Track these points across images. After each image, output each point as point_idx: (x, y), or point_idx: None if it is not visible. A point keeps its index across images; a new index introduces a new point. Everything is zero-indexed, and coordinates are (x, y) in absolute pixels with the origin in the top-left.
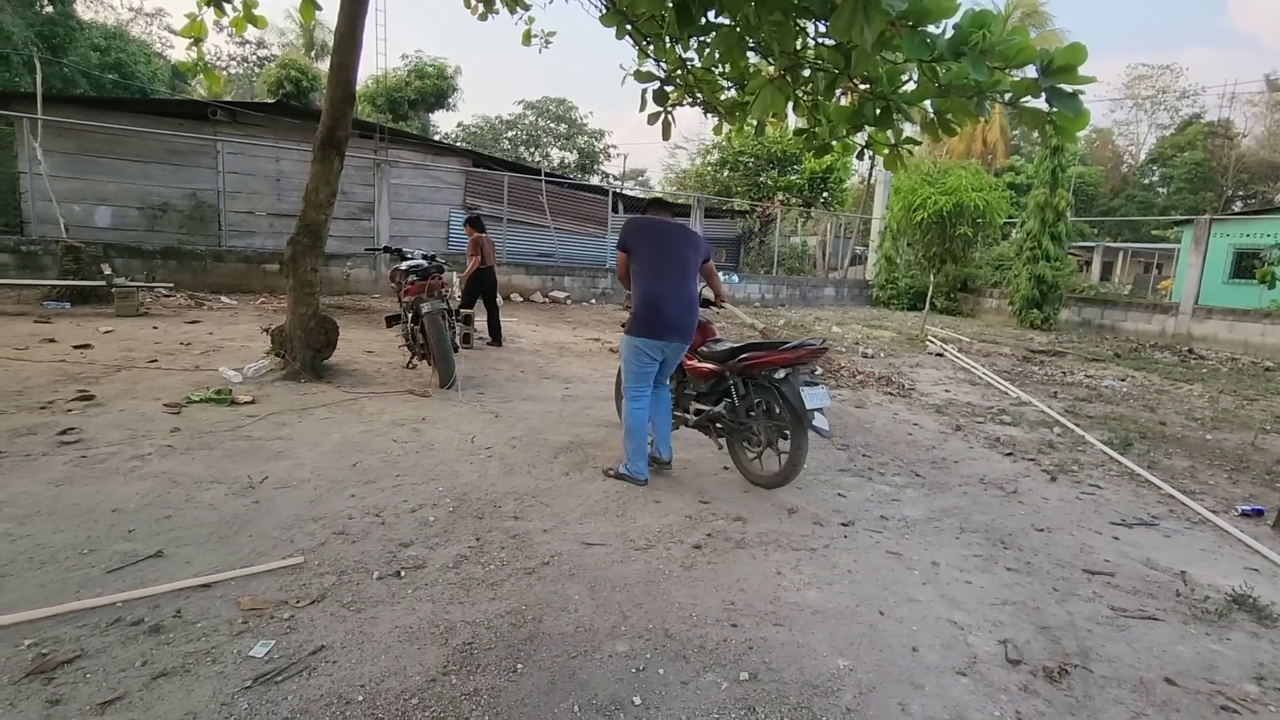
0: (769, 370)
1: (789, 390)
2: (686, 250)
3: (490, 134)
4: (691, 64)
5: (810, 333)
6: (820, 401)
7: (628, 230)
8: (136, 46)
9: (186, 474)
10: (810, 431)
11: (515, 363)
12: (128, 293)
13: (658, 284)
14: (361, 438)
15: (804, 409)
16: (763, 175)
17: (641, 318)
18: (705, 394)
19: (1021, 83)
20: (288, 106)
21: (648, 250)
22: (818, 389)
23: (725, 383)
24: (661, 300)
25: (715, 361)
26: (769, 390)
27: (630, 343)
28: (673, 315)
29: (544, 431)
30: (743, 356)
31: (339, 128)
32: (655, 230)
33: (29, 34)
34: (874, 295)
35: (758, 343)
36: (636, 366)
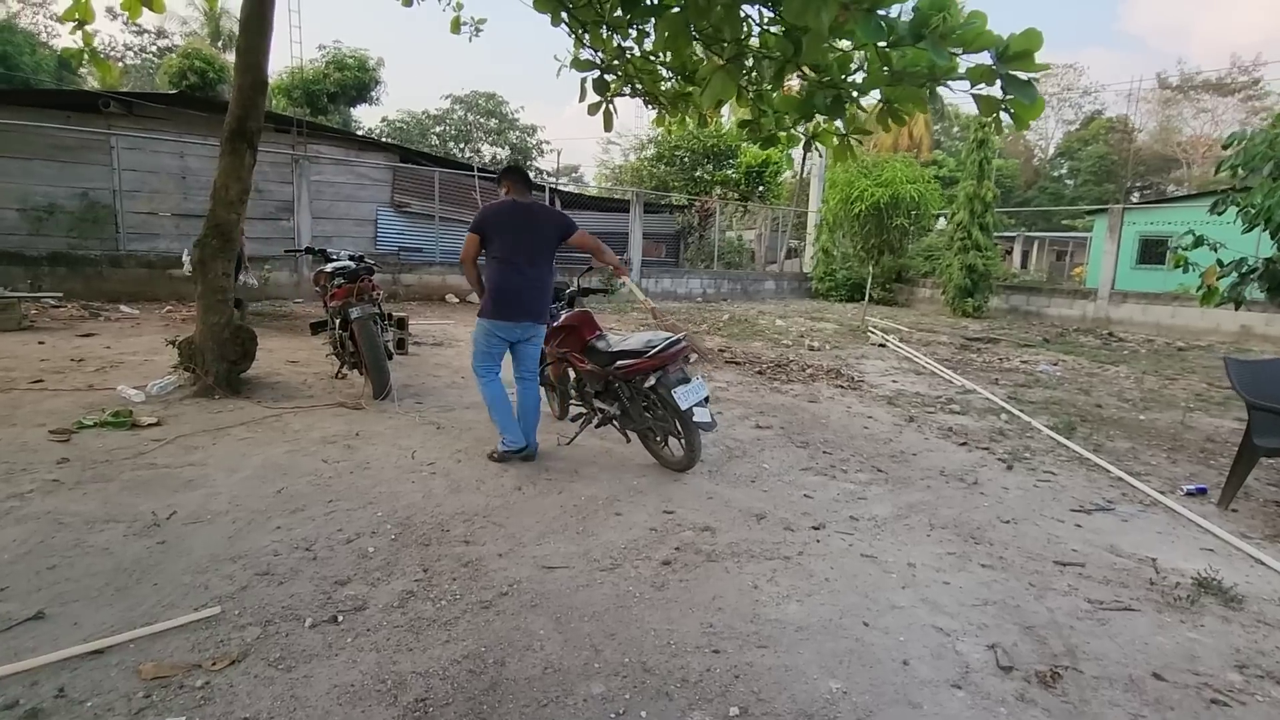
0: (640, 376)
1: (664, 393)
2: (545, 230)
3: (417, 129)
4: (631, 53)
5: (754, 326)
6: (694, 398)
7: (485, 216)
8: (22, 37)
9: (76, 513)
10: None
11: (454, 367)
12: (7, 304)
13: (511, 268)
14: (287, 459)
15: (680, 410)
16: (699, 170)
17: (495, 300)
18: (602, 393)
19: (977, 69)
20: (192, 98)
21: (503, 234)
22: (690, 385)
23: (613, 384)
24: (515, 283)
25: (599, 364)
26: (649, 392)
27: (483, 325)
28: (526, 298)
29: (490, 443)
30: (618, 365)
31: (250, 118)
32: (512, 213)
33: None
34: (813, 288)
35: (628, 350)
36: (485, 346)
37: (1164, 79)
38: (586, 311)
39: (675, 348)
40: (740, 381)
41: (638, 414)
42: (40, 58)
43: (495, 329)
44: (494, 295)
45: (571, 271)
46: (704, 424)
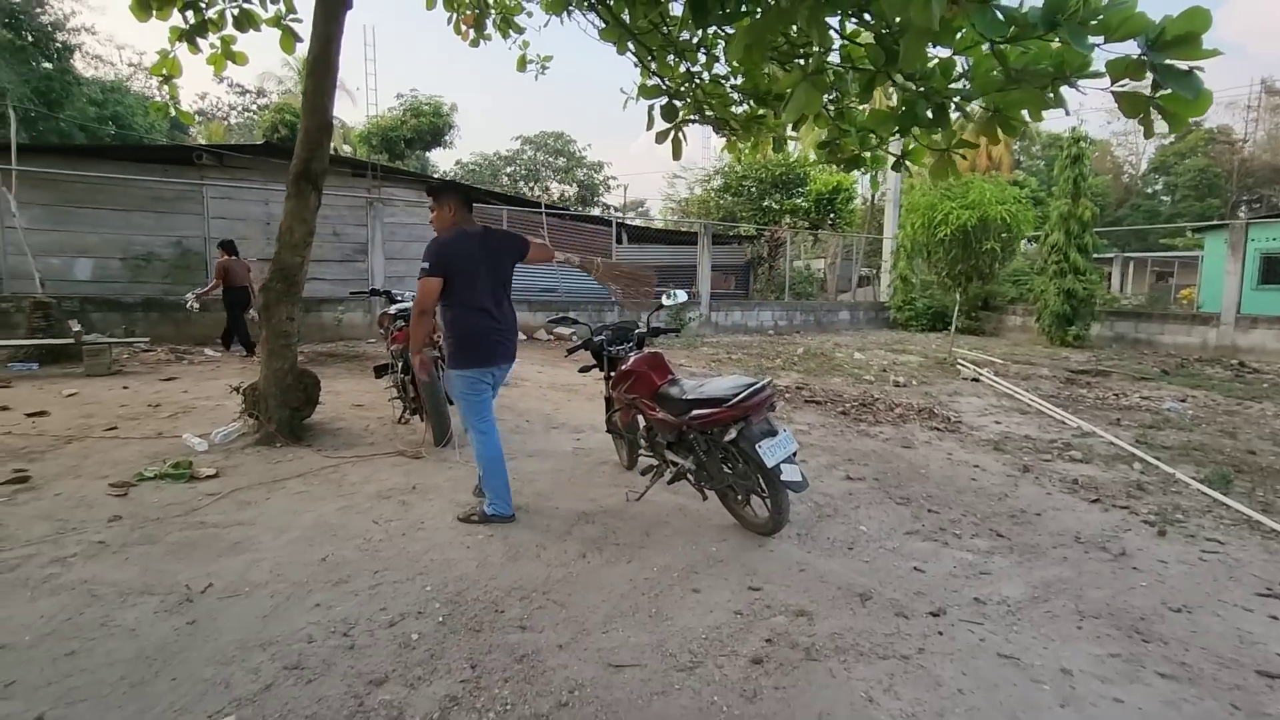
0: (719, 428)
1: (746, 447)
2: (504, 260)
3: (489, 170)
4: (700, 78)
5: (831, 360)
6: (782, 453)
7: (441, 253)
8: (135, 99)
9: (113, 583)
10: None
11: (519, 409)
12: (98, 350)
13: (480, 313)
14: (338, 517)
15: (767, 467)
16: (767, 199)
17: (468, 347)
18: (675, 444)
19: (1120, 62)
20: (275, 147)
21: (465, 274)
22: (777, 439)
23: (688, 435)
24: (487, 327)
25: (672, 412)
26: (729, 446)
27: (463, 377)
28: (499, 338)
29: (553, 497)
30: (694, 415)
31: (315, 160)
32: (469, 246)
33: (25, 90)
34: (891, 317)
35: (705, 398)
36: (476, 398)
37: (1270, 85)
38: (658, 353)
39: (759, 395)
40: (823, 423)
41: (715, 469)
42: (153, 119)
43: (479, 376)
44: (468, 342)
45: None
46: (793, 483)
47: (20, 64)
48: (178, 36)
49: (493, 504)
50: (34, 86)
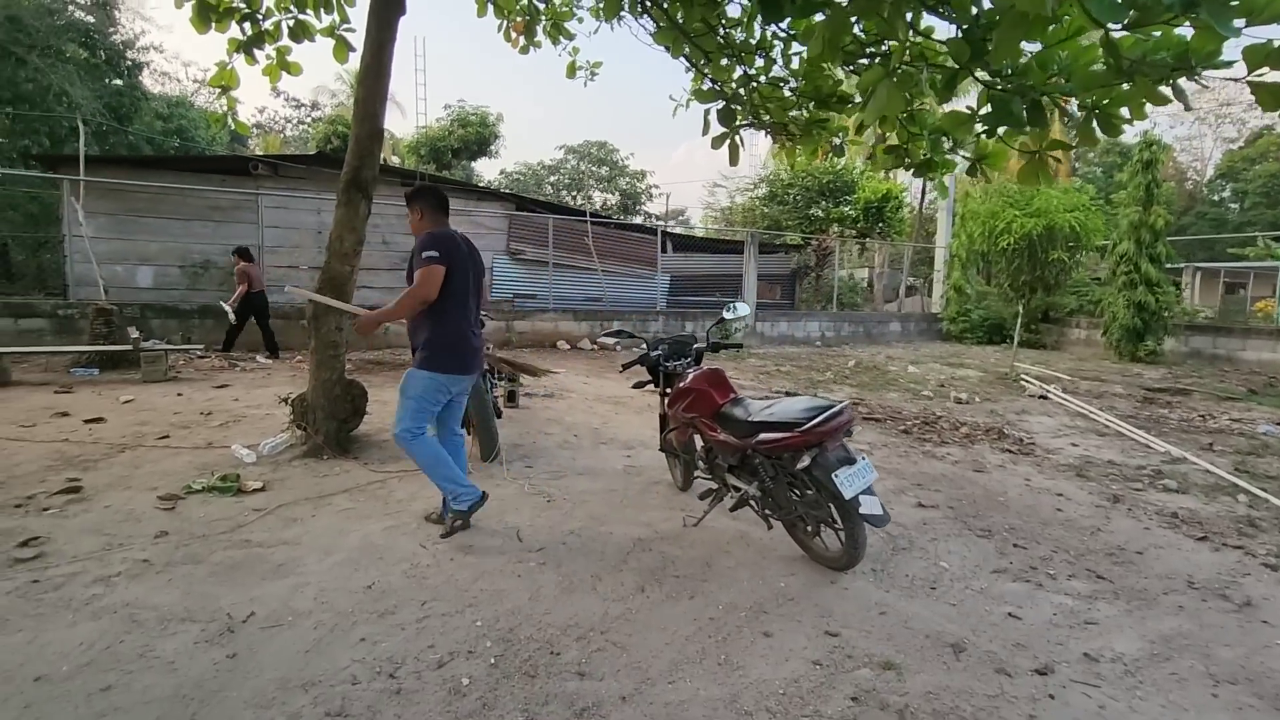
0: (790, 454)
1: (821, 476)
2: (481, 268)
3: (533, 179)
4: (757, 80)
5: (885, 374)
6: (860, 483)
7: (448, 244)
8: (198, 113)
9: (155, 607)
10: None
11: (566, 423)
12: (155, 357)
13: (463, 313)
14: (385, 538)
15: (844, 499)
16: (814, 207)
17: (450, 350)
18: (737, 467)
19: (1261, 49)
20: (328, 157)
21: (461, 271)
22: (855, 468)
23: (752, 459)
24: (465, 330)
25: (735, 435)
26: (800, 473)
27: (431, 379)
28: (477, 346)
29: (606, 521)
30: (761, 439)
31: (365, 167)
32: (462, 247)
33: (97, 105)
34: (944, 329)
35: (774, 421)
36: (429, 403)
37: None
38: (718, 370)
39: (836, 420)
40: (884, 443)
41: (783, 497)
42: (215, 131)
43: (447, 383)
44: (447, 344)
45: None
46: (874, 517)
47: (94, 81)
48: (235, 48)
49: (458, 499)
50: (106, 102)
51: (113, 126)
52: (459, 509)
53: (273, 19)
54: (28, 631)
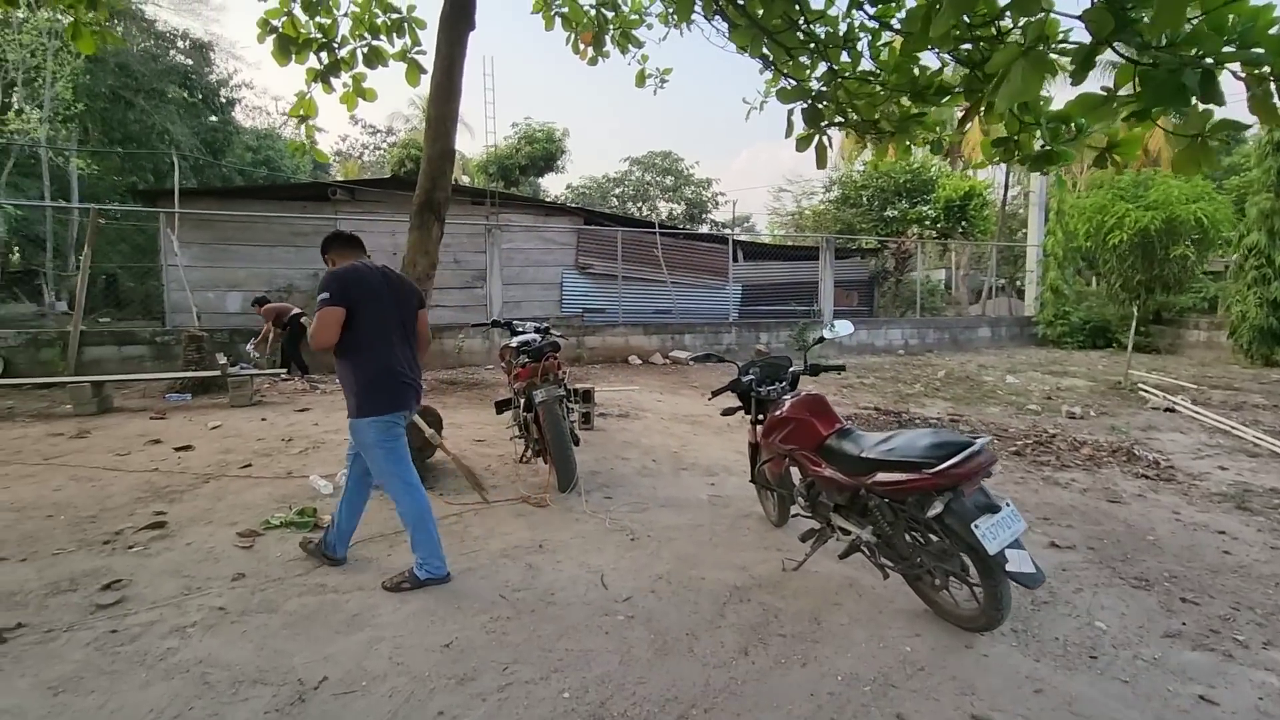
0: (916, 497)
1: (957, 526)
2: (410, 298)
3: (598, 193)
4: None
5: (980, 385)
6: (1007, 535)
7: (344, 281)
8: (284, 143)
9: (228, 666)
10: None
11: (644, 446)
12: (241, 382)
13: (387, 345)
14: (461, 583)
15: (988, 555)
16: (890, 209)
17: (378, 389)
18: (845, 506)
19: None
20: (401, 180)
21: (371, 304)
22: (1000, 516)
23: (866, 500)
24: (397, 363)
25: (845, 472)
26: (930, 522)
27: (376, 424)
28: (411, 378)
29: (697, 563)
30: (879, 480)
31: (437, 188)
32: (368, 275)
33: (195, 141)
34: (1040, 333)
35: (895, 459)
36: (392, 445)
37: None
38: (819, 397)
39: (974, 461)
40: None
41: (904, 545)
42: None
43: (393, 420)
44: (378, 383)
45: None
46: (1024, 576)
47: (192, 119)
48: (313, 77)
49: (425, 565)
50: (202, 138)
51: (208, 160)
52: (417, 574)
53: (348, 47)
54: (100, 694)
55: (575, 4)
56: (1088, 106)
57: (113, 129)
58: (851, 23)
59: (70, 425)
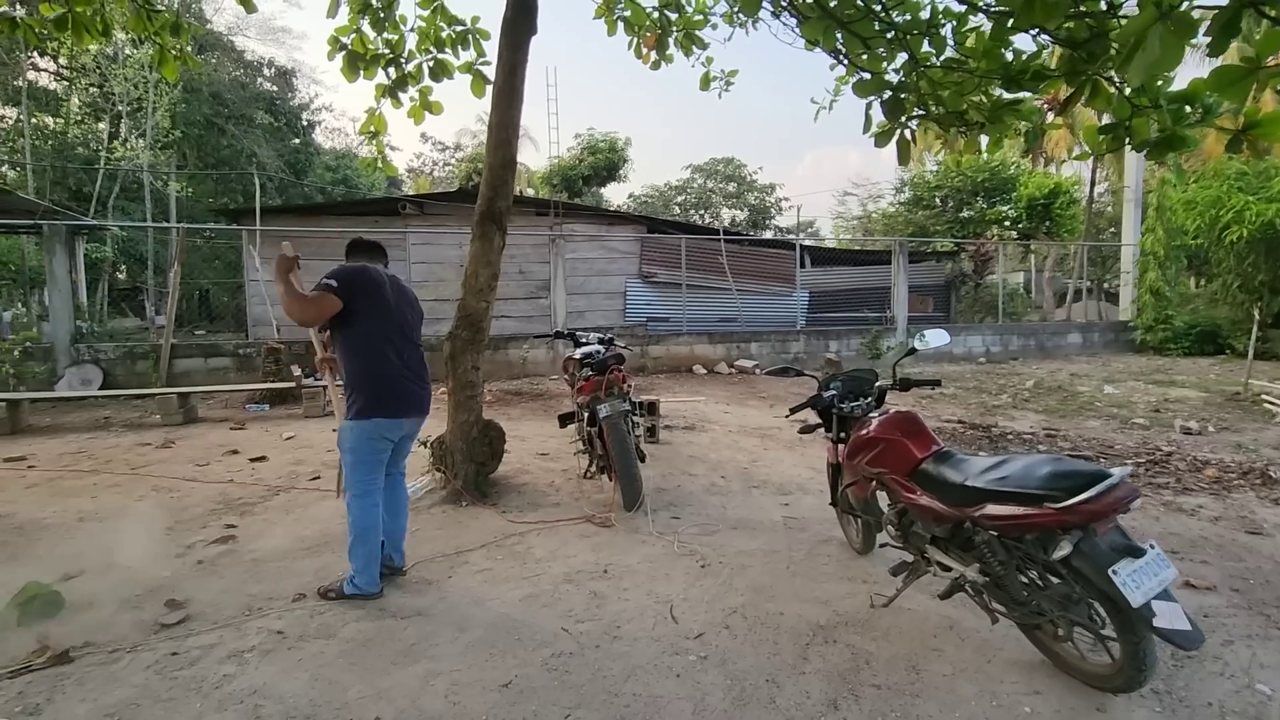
0: (1039, 535)
1: (1089, 571)
2: (410, 307)
3: (660, 201)
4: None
5: (1075, 396)
6: (1154, 584)
7: (351, 279)
8: (361, 162)
9: (280, 697)
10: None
11: (711, 461)
12: (314, 392)
13: (389, 350)
14: (523, 612)
15: (1129, 607)
16: (966, 209)
17: (375, 391)
18: (944, 539)
19: None
20: (468, 193)
21: (376, 302)
22: (1144, 560)
23: (972, 534)
24: (396, 369)
25: (945, 501)
26: (1053, 564)
27: (362, 428)
28: (412, 387)
29: (773, 594)
30: (988, 512)
31: (499, 198)
32: (379, 283)
33: (279, 163)
34: (1138, 339)
35: (1009, 489)
36: (369, 455)
37: None
38: (912, 415)
39: (1112, 494)
40: None
41: (1017, 587)
42: (374, 178)
43: (384, 429)
44: (376, 385)
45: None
46: (1179, 635)
47: (276, 141)
48: (382, 93)
49: (357, 578)
50: (286, 159)
51: (291, 180)
52: (345, 588)
53: (414, 61)
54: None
55: (638, 7)
56: (1226, 81)
57: (206, 153)
58: (935, 7)
59: (158, 435)
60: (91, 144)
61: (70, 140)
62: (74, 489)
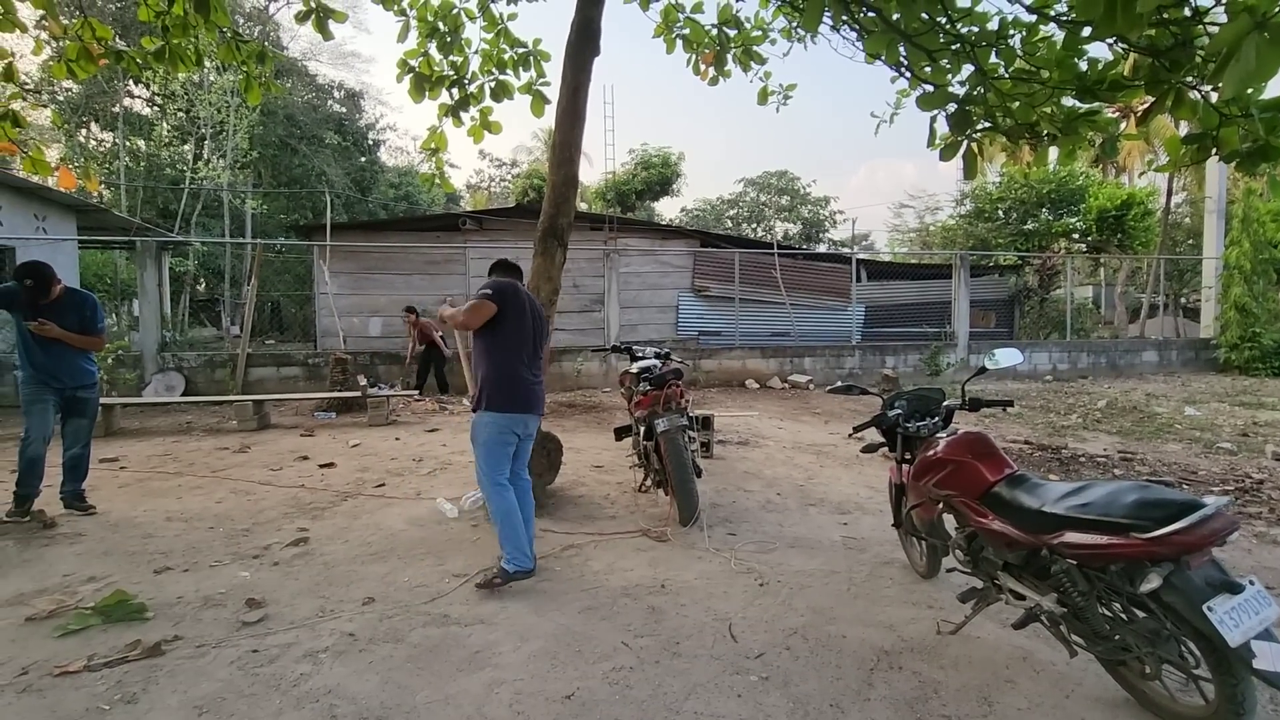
0: (1124, 566)
1: (1182, 607)
2: (540, 320)
3: (712, 215)
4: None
5: (1152, 417)
6: (1254, 622)
7: (504, 289)
8: (421, 178)
9: (353, 698)
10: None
11: (767, 478)
12: (379, 402)
13: (516, 357)
14: (583, 624)
15: (1227, 647)
16: (1030, 222)
17: (507, 389)
18: (1017, 566)
19: None
20: (525, 208)
21: (517, 317)
22: (1242, 597)
23: (1049, 562)
24: (522, 373)
25: (1020, 527)
26: (1140, 597)
27: (493, 420)
28: (537, 390)
29: (835, 617)
30: (1067, 540)
31: (561, 215)
32: (522, 295)
33: (346, 181)
34: (1221, 358)
35: (1090, 516)
36: (499, 447)
37: None
38: (982, 435)
39: (1208, 525)
40: None
41: (1098, 620)
42: (434, 194)
43: (510, 423)
44: (503, 384)
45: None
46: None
47: (344, 160)
48: (444, 113)
49: (511, 559)
50: (353, 177)
51: (356, 197)
52: (505, 568)
53: (477, 82)
54: (238, 718)
55: (697, 25)
56: None
57: (280, 172)
58: (1004, 18)
59: (234, 440)
60: (178, 165)
61: (160, 162)
62: (161, 489)
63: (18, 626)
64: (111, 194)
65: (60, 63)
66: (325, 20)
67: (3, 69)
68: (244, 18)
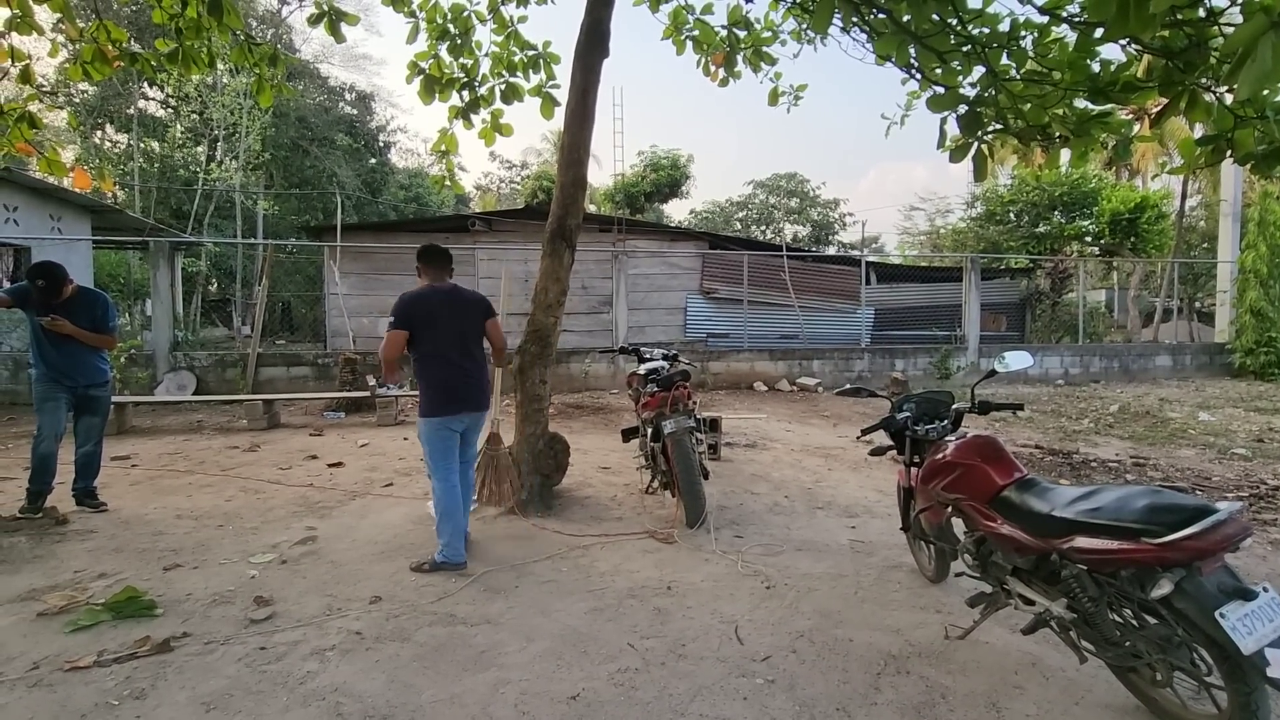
0: (1135, 572)
1: (1194, 613)
2: (472, 314)
3: (721, 217)
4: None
5: (1165, 422)
6: (1270, 630)
7: (405, 308)
8: (431, 180)
9: (360, 696)
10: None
11: (774, 480)
12: (387, 402)
13: (444, 361)
14: (588, 624)
15: (1240, 654)
16: (1042, 224)
17: (437, 398)
18: (1027, 571)
19: None
20: (533, 210)
21: (429, 327)
22: (1256, 604)
23: (1059, 567)
24: (450, 373)
25: (1030, 531)
26: (1151, 603)
27: (430, 425)
28: (466, 391)
29: (842, 620)
30: (1078, 545)
31: (569, 216)
32: (433, 301)
33: (357, 182)
34: (1235, 363)
35: (1102, 521)
36: (440, 445)
37: None
38: (991, 439)
39: (1221, 531)
40: None
41: (1109, 626)
42: (443, 196)
43: (445, 424)
44: (434, 391)
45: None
46: None
47: (355, 162)
48: (455, 115)
49: (445, 551)
50: (363, 179)
51: (367, 198)
52: (437, 559)
53: (487, 85)
54: (246, 715)
55: (706, 26)
56: None
57: (291, 174)
58: (1015, 19)
59: (245, 438)
60: (191, 166)
61: (173, 163)
62: (171, 487)
63: (29, 622)
64: (125, 195)
65: (76, 65)
66: (337, 23)
67: (20, 71)
68: (257, 20)
